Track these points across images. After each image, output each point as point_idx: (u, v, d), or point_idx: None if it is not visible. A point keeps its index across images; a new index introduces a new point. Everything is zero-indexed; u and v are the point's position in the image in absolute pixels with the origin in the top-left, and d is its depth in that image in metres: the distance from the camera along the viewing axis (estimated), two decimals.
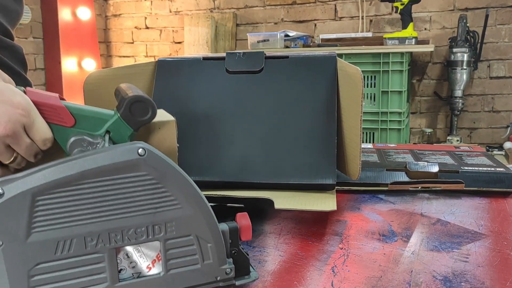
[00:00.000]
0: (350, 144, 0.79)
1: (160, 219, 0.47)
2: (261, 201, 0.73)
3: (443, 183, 0.89)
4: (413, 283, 0.55)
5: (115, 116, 0.51)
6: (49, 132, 0.51)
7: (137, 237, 0.46)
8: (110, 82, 0.88)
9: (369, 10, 3.06)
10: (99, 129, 0.51)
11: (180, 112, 0.86)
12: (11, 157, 0.51)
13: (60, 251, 0.43)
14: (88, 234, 0.44)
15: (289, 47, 2.80)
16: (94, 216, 0.44)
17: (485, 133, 2.94)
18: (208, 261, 0.49)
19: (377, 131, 2.50)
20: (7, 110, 0.48)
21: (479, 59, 2.72)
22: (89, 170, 0.43)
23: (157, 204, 0.46)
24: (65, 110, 0.50)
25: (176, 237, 0.47)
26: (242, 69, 0.87)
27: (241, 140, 0.82)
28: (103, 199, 0.44)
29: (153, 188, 0.46)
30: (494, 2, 2.80)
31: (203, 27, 3.36)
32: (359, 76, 0.73)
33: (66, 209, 0.43)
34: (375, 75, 2.48)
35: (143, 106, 0.51)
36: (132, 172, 0.45)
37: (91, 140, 0.50)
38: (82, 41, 3.48)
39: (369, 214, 0.79)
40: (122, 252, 0.46)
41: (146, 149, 0.45)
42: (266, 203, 0.71)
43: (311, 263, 0.61)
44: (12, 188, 0.42)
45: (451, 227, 0.73)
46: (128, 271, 0.47)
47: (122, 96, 0.52)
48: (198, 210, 0.48)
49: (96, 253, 0.45)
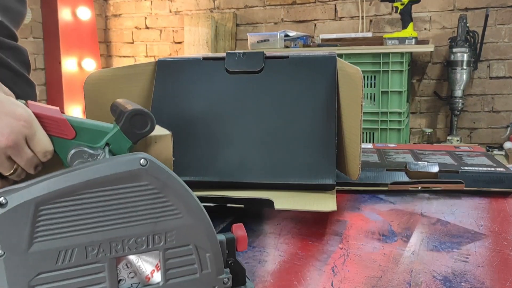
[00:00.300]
0: (350, 144, 0.79)
1: (160, 228, 0.47)
2: (261, 201, 0.73)
3: (443, 183, 0.89)
4: (413, 283, 0.55)
5: (114, 128, 0.52)
6: (50, 144, 0.51)
7: (137, 247, 0.47)
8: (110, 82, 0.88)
9: (369, 10, 3.06)
10: (99, 142, 0.52)
11: (180, 112, 0.86)
12: (12, 169, 0.51)
13: (61, 261, 0.44)
14: (90, 244, 0.44)
15: (289, 47, 2.80)
16: (96, 226, 0.45)
17: (485, 133, 2.94)
18: (206, 271, 0.50)
19: (377, 131, 2.50)
20: (10, 122, 0.49)
21: (479, 59, 2.72)
22: (92, 180, 0.44)
23: (158, 213, 0.47)
24: (66, 123, 0.51)
25: (175, 247, 0.48)
26: (242, 69, 0.87)
27: (241, 140, 0.82)
28: (105, 208, 0.45)
29: (154, 198, 0.46)
30: (494, 2, 2.80)
31: (203, 27, 3.36)
32: (359, 76, 0.73)
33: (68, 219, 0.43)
34: (375, 75, 2.48)
35: (142, 119, 0.53)
36: (134, 182, 0.45)
37: (91, 152, 0.51)
38: (82, 41, 3.47)
39: (369, 214, 0.79)
40: (121, 262, 0.47)
41: (147, 159, 0.46)
42: (266, 203, 0.71)
43: (311, 263, 0.61)
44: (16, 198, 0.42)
45: (451, 227, 0.73)
46: (127, 281, 0.47)
47: (121, 110, 0.54)
48: (197, 219, 0.48)
49: (96, 262, 0.45)
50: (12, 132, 0.49)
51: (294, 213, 0.79)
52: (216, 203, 0.79)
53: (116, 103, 0.60)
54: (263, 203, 0.72)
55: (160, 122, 0.83)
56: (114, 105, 0.60)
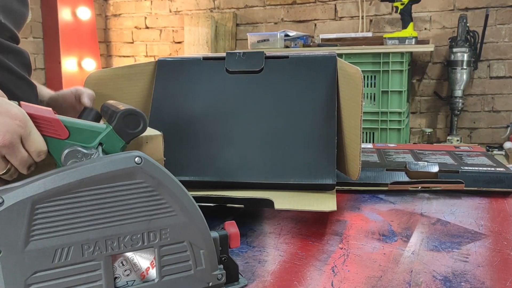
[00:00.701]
0: (350, 144, 0.79)
1: (155, 225, 0.48)
2: (261, 201, 0.73)
3: (443, 183, 0.89)
4: (413, 283, 0.55)
5: (107, 128, 0.53)
6: (44, 144, 0.51)
7: (133, 244, 0.47)
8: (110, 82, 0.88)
9: (369, 10, 3.06)
10: (92, 141, 0.52)
11: (180, 112, 0.86)
12: (5, 168, 0.51)
13: (58, 259, 0.44)
14: (86, 242, 0.45)
15: (289, 47, 2.80)
16: (92, 224, 0.45)
17: (485, 133, 2.94)
18: (200, 267, 0.50)
19: (377, 131, 2.50)
20: (5, 121, 0.49)
21: (479, 59, 2.72)
22: (88, 178, 0.44)
23: (152, 211, 0.47)
24: (59, 123, 0.51)
25: (170, 244, 0.49)
26: (242, 69, 0.87)
27: (241, 140, 0.82)
28: (101, 206, 0.45)
29: (149, 196, 0.47)
30: (494, 2, 2.80)
31: (203, 27, 3.36)
32: (359, 76, 0.73)
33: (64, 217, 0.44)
34: (375, 75, 2.48)
35: (135, 119, 0.53)
36: (129, 180, 0.46)
37: (85, 152, 0.51)
38: (82, 41, 3.47)
39: (369, 214, 0.79)
40: (117, 260, 0.47)
41: (142, 157, 0.46)
42: (266, 203, 0.71)
43: (311, 263, 0.61)
44: (12, 197, 0.42)
45: (451, 227, 0.73)
46: (123, 279, 0.47)
47: (113, 110, 0.55)
48: (191, 217, 0.49)
49: (92, 260, 0.45)
50: (8, 131, 0.49)
51: (294, 213, 0.79)
52: (216, 203, 0.79)
53: (107, 104, 0.60)
54: (263, 203, 0.72)
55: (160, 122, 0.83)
56: (105, 106, 0.61)
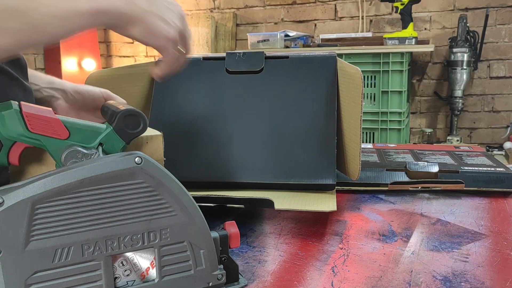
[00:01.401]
0: (350, 144, 0.79)
1: (155, 225, 0.48)
2: (261, 201, 0.73)
3: (443, 183, 0.89)
4: (413, 283, 0.55)
5: (107, 128, 0.53)
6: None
7: (133, 244, 0.47)
8: (111, 82, 0.88)
9: (369, 10, 3.06)
10: (92, 142, 0.52)
11: (180, 112, 0.86)
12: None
13: (58, 259, 0.44)
14: (86, 242, 0.45)
15: (289, 47, 2.80)
16: (92, 224, 0.45)
17: (485, 133, 2.94)
18: (200, 267, 0.50)
19: (377, 131, 2.50)
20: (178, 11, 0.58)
21: (479, 59, 2.72)
22: (88, 178, 0.44)
23: (152, 211, 0.47)
24: (59, 123, 0.51)
25: (170, 244, 0.49)
26: (242, 69, 0.87)
27: (241, 140, 0.82)
28: (101, 206, 0.45)
29: (149, 196, 0.47)
30: (494, 2, 2.80)
31: (203, 27, 3.36)
32: (359, 76, 0.73)
33: (64, 217, 0.44)
34: (375, 75, 2.48)
35: (135, 119, 0.53)
36: (129, 180, 0.46)
37: (85, 152, 0.51)
38: (82, 41, 3.47)
39: (369, 214, 0.79)
40: (117, 260, 0.47)
41: (142, 157, 0.46)
42: (266, 203, 0.71)
43: (311, 263, 0.61)
44: (12, 197, 0.42)
45: (451, 227, 0.73)
46: (123, 279, 0.48)
47: (113, 111, 0.55)
48: (191, 217, 0.49)
49: (93, 260, 0.45)
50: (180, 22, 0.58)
51: (294, 213, 0.79)
52: (216, 203, 0.79)
53: (107, 105, 0.61)
54: (263, 203, 0.72)
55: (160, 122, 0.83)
56: (105, 107, 0.61)
